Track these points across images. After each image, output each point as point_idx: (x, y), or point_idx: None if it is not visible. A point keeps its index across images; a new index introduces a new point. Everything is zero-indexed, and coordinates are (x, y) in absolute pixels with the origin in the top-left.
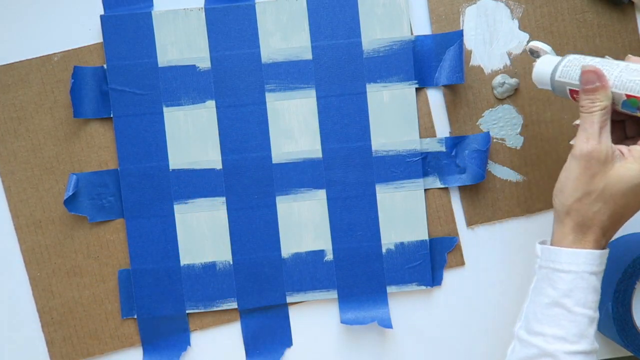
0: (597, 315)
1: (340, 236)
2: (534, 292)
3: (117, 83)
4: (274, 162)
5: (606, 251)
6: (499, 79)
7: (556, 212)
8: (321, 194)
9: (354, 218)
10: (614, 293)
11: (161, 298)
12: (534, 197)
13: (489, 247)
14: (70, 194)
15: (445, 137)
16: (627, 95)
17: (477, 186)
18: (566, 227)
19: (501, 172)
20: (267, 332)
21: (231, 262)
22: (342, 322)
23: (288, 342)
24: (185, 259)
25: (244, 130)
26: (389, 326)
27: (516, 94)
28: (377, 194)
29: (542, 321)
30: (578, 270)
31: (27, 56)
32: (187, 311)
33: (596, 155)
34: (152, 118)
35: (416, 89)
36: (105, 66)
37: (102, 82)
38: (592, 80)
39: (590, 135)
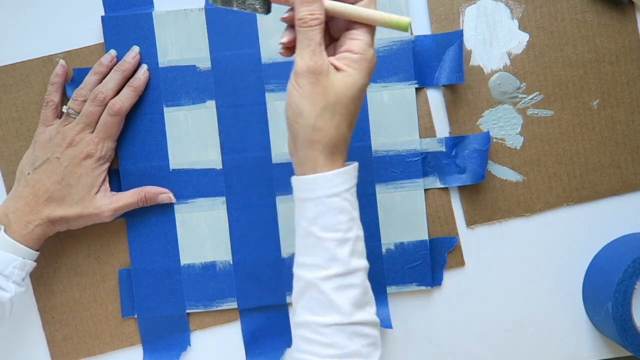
0: (349, 234)
1: None
2: (296, 225)
3: None
4: (274, 162)
5: (345, 170)
6: (495, 79)
7: (299, 139)
8: None
9: None
10: (614, 293)
11: (161, 298)
12: (533, 197)
13: (489, 247)
14: None
15: (445, 137)
16: None
17: (477, 186)
18: (315, 151)
19: (501, 172)
20: (267, 332)
21: (231, 262)
22: None
23: (288, 342)
24: (185, 259)
25: (244, 130)
26: (389, 326)
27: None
28: (377, 194)
29: (302, 252)
30: (316, 196)
31: (28, 57)
32: (187, 311)
33: (324, 69)
34: (152, 118)
35: (416, 89)
36: None
37: None
38: None
39: (313, 51)
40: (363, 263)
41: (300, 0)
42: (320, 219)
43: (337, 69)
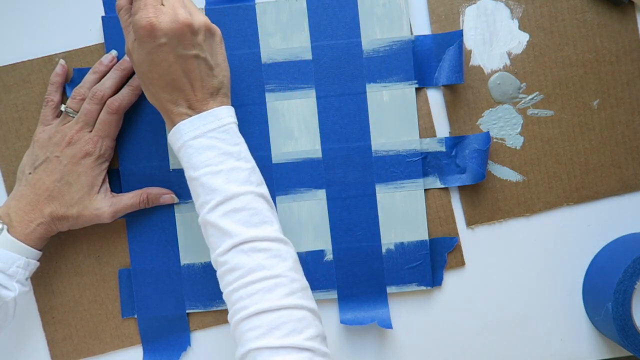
0: (223, 166)
1: (340, 236)
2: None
3: None
4: (273, 162)
5: (202, 115)
6: (495, 79)
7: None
8: (321, 194)
9: (353, 218)
10: (614, 293)
11: (161, 298)
12: (533, 197)
13: (489, 247)
14: None
15: (445, 137)
16: None
17: (477, 186)
18: (164, 117)
19: (501, 172)
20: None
21: None
22: (342, 322)
23: None
24: (185, 259)
25: (243, 130)
26: (389, 326)
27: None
28: (377, 194)
29: (193, 197)
30: (182, 142)
31: (28, 57)
32: (187, 311)
33: (131, 53)
34: (152, 118)
35: (416, 89)
36: None
37: None
38: None
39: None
40: (247, 188)
41: None
42: (191, 160)
43: None
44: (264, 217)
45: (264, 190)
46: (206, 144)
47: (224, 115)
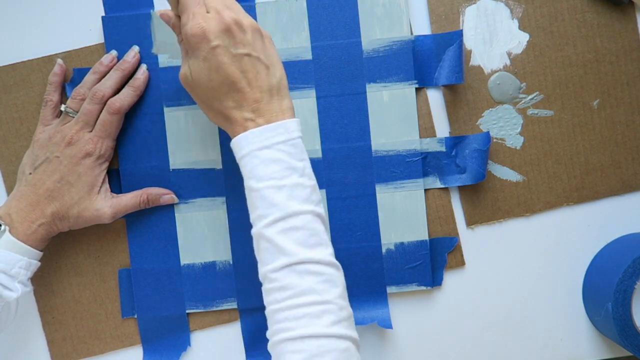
0: (286, 181)
1: (340, 236)
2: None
3: None
4: None
5: (272, 125)
6: (495, 79)
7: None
8: (321, 194)
9: (354, 218)
10: (614, 293)
11: (161, 298)
12: (533, 197)
13: (489, 247)
14: None
15: (445, 137)
16: None
17: (477, 186)
18: (225, 128)
19: (501, 172)
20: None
21: (231, 262)
22: None
23: None
24: (185, 259)
25: None
26: (389, 326)
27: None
28: (377, 194)
29: (249, 209)
30: (246, 152)
31: (28, 57)
32: (187, 311)
33: (183, 74)
34: (152, 118)
35: (416, 89)
36: None
37: None
38: None
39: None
40: (307, 207)
41: None
42: (255, 171)
43: None
44: (320, 239)
45: (322, 210)
46: (273, 156)
47: (294, 128)
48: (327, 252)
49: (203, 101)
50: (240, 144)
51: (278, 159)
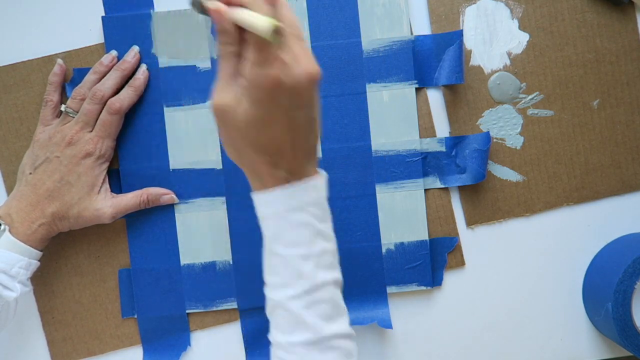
0: (313, 248)
1: (340, 236)
2: (263, 245)
3: None
4: None
5: (302, 185)
6: (495, 79)
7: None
8: None
9: (354, 218)
10: (614, 293)
11: (161, 298)
12: (533, 197)
13: (489, 247)
14: None
15: (445, 137)
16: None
17: (477, 186)
18: (249, 175)
19: (501, 172)
20: (267, 332)
21: (231, 262)
22: None
23: None
24: (185, 259)
25: None
26: (389, 326)
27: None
28: (377, 194)
29: (268, 271)
30: (273, 212)
31: (28, 57)
32: (187, 311)
33: (224, 107)
34: (152, 118)
35: (416, 89)
36: None
37: None
38: (215, 19)
39: (222, 88)
40: (331, 275)
41: (216, 30)
42: (282, 235)
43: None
44: (340, 309)
45: (340, 273)
46: (302, 220)
47: (322, 186)
48: (346, 321)
49: (232, 141)
50: (267, 201)
51: (307, 223)
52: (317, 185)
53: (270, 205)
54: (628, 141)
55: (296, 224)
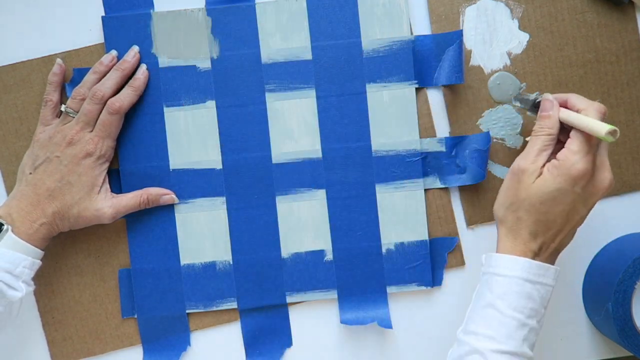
0: (530, 322)
1: (340, 236)
2: (476, 297)
3: None
4: (274, 162)
5: (546, 266)
6: (495, 79)
7: (496, 220)
8: (321, 194)
9: (353, 218)
10: (614, 293)
11: (161, 298)
12: None
13: (489, 247)
14: None
15: (445, 137)
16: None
17: (477, 186)
18: (501, 234)
19: (501, 172)
20: (267, 332)
21: (231, 262)
22: (342, 322)
23: (288, 342)
24: (185, 259)
25: (244, 130)
26: (389, 326)
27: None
28: (377, 194)
29: (476, 321)
30: (512, 274)
31: (28, 57)
32: (187, 311)
33: (529, 171)
34: (152, 118)
35: (416, 89)
36: None
37: None
38: (546, 108)
39: (528, 155)
40: (530, 354)
41: (540, 115)
42: (509, 296)
43: (540, 173)
44: None
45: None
46: (530, 293)
47: (555, 277)
48: None
49: (513, 199)
50: (506, 263)
51: (534, 298)
52: (553, 274)
53: (514, 269)
54: (628, 141)
55: (524, 294)
